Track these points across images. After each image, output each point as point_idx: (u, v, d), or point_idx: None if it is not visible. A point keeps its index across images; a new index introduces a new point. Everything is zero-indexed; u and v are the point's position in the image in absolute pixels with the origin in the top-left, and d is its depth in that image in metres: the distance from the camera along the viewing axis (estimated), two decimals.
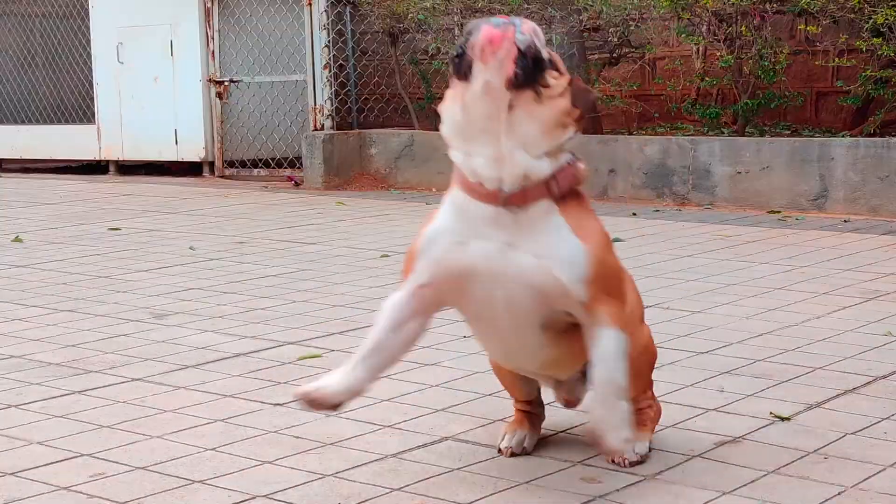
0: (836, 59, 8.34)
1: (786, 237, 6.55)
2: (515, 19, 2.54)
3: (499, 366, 2.98)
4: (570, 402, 3.02)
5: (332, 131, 9.64)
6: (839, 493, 2.71)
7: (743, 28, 8.11)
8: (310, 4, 9.78)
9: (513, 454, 2.96)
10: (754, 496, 2.70)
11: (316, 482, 2.84)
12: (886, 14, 7.53)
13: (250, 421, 3.33)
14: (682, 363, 3.89)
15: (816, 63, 8.80)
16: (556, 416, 3.30)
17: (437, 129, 2.78)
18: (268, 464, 2.95)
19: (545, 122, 2.51)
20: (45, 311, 4.87)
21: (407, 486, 2.81)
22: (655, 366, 3.84)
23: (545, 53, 2.54)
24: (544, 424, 3.19)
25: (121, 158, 11.00)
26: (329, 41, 9.79)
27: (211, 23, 10.33)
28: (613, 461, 2.86)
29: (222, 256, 6.20)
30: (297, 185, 9.65)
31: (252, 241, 6.69)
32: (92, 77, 11.13)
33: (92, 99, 11.18)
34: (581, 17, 9.26)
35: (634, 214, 7.56)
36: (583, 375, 2.80)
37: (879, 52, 7.66)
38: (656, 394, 3.57)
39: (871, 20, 7.66)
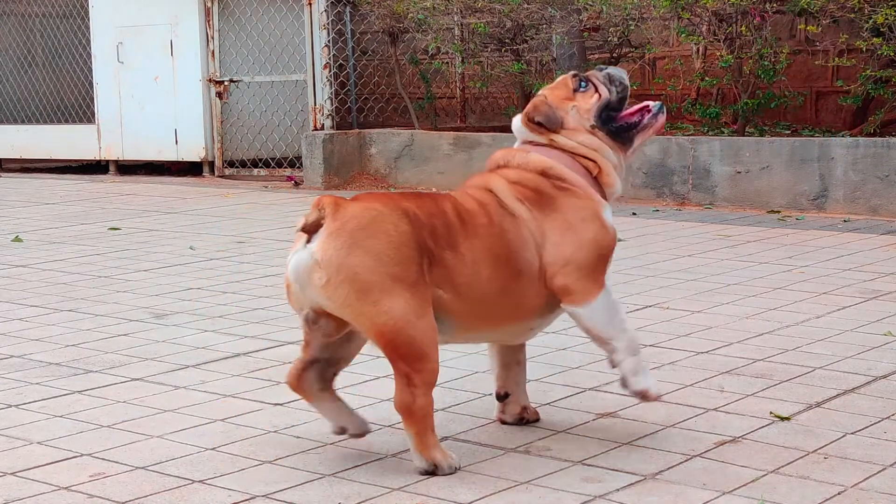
0: (836, 59, 8.35)
1: (786, 237, 6.55)
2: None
3: None
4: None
5: (332, 131, 9.64)
6: (839, 493, 2.71)
7: (743, 28, 8.12)
8: (310, 4, 9.78)
9: None
10: (754, 496, 2.70)
11: (316, 482, 2.84)
12: (886, 14, 7.53)
13: (250, 421, 3.33)
14: (682, 363, 3.89)
15: (816, 63, 8.81)
16: (556, 416, 3.30)
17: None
18: (268, 464, 2.95)
19: None
20: (45, 311, 4.88)
21: (407, 486, 2.81)
22: (657, 365, 3.85)
23: None
24: (545, 424, 3.19)
25: (121, 158, 11.00)
26: (329, 41, 9.79)
27: (211, 22, 10.33)
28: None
29: (222, 256, 6.20)
30: (296, 184, 9.65)
31: (252, 241, 6.69)
32: (92, 77, 11.13)
33: (92, 99, 11.18)
34: (581, 17, 9.26)
35: (634, 214, 7.56)
36: None
37: (879, 52, 7.66)
38: (657, 394, 3.57)
39: (871, 20, 7.66)
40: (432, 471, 2.85)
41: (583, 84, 3.20)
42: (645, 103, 3.24)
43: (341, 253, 2.73)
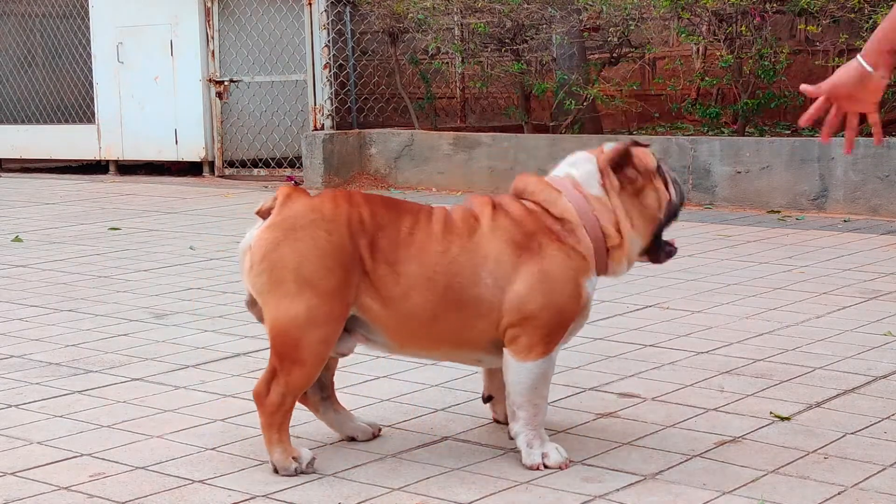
0: (836, 59, 8.35)
1: (786, 237, 6.55)
2: None
3: None
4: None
5: (332, 131, 9.64)
6: (839, 493, 2.71)
7: (743, 28, 8.12)
8: (310, 4, 9.78)
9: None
10: (754, 496, 2.70)
11: (316, 482, 2.84)
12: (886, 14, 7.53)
13: (250, 421, 3.32)
14: (682, 363, 3.89)
15: (816, 63, 8.81)
16: (556, 416, 3.30)
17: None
18: (268, 464, 2.95)
19: None
20: (45, 311, 4.88)
21: (407, 486, 2.81)
22: (656, 365, 3.85)
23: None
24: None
25: (121, 158, 11.00)
26: (329, 41, 9.79)
27: (211, 22, 10.33)
28: None
29: (222, 256, 6.20)
30: (296, 184, 9.64)
31: None
32: (92, 77, 11.12)
33: (92, 99, 11.18)
34: (581, 17, 9.26)
35: None
36: None
37: None
38: (657, 394, 3.57)
39: (871, 20, 7.66)
40: (274, 469, 2.89)
41: (660, 169, 3.00)
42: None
43: (269, 245, 2.83)
